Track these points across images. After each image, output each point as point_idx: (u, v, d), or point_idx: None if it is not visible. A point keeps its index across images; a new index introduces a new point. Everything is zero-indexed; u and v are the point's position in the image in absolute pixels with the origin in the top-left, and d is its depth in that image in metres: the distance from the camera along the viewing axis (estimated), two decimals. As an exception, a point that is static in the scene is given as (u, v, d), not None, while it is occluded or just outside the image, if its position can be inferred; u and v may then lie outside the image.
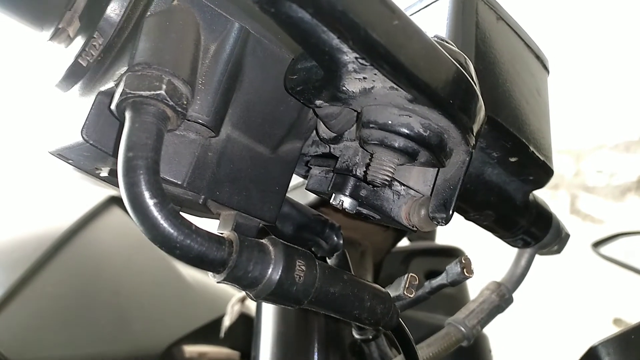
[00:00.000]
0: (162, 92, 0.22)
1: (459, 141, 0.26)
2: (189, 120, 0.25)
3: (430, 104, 0.23)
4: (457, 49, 0.26)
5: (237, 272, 0.23)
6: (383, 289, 0.30)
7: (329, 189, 0.29)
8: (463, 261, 0.34)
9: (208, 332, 0.76)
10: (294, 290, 0.25)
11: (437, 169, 0.29)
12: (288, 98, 0.28)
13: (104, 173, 0.27)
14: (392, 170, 0.26)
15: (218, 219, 0.29)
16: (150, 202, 0.20)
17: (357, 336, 0.40)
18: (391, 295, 0.30)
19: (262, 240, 0.25)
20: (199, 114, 0.25)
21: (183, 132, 0.26)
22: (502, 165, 0.34)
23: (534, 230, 0.39)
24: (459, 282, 0.35)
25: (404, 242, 0.74)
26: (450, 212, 0.28)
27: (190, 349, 0.76)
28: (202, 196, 0.26)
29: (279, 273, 0.24)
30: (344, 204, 0.28)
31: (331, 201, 0.29)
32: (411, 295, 0.32)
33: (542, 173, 0.36)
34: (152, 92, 0.21)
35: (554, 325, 1.65)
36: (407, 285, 0.32)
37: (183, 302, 0.82)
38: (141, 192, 0.20)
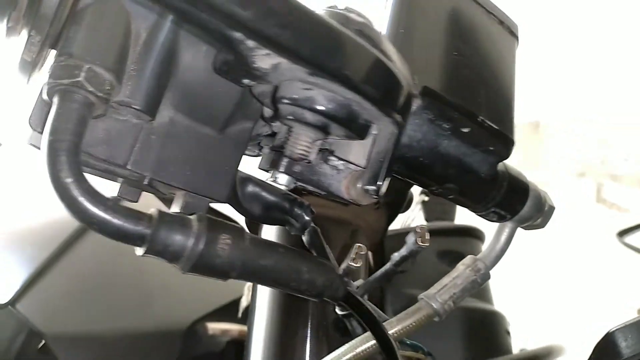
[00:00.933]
0: (81, 79, 0.23)
1: (376, 113, 0.27)
2: (121, 105, 0.27)
3: (327, 77, 0.24)
4: (361, 19, 0.27)
5: (156, 246, 0.25)
6: (328, 262, 0.31)
7: (268, 167, 0.30)
8: (418, 230, 0.34)
9: (227, 312, 0.79)
10: (218, 263, 0.26)
11: (372, 142, 0.30)
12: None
13: None
14: (307, 145, 0.27)
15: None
16: (68, 180, 0.22)
17: (338, 312, 0.40)
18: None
19: (188, 216, 0.26)
20: (131, 98, 0.26)
21: (125, 116, 0.27)
22: (457, 136, 0.34)
23: (508, 203, 0.38)
24: (416, 253, 0.35)
25: (422, 223, 0.74)
26: (380, 183, 0.29)
27: (212, 326, 0.78)
28: (147, 176, 0.28)
29: (200, 246, 0.25)
30: (278, 180, 0.29)
31: (268, 178, 0.30)
32: (358, 265, 0.33)
33: (500, 143, 0.35)
34: (72, 80, 0.23)
35: (577, 313, 1.64)
36: (353, 257, 0.33)
37: (204, 283, 0.85)
38: (60, 172, 0.22)
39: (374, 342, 0.36)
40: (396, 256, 0.38)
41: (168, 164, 0.28)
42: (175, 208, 0.30)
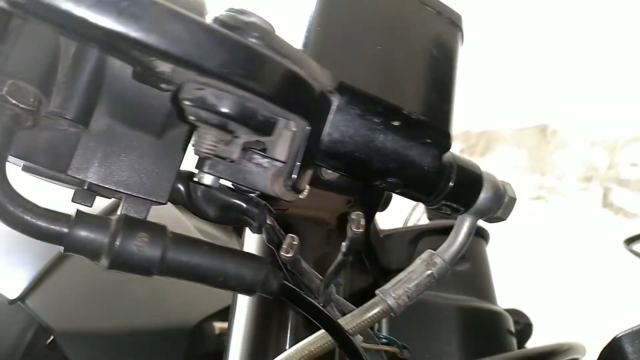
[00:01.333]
0: (4, 93, 0.25)
1: (278, 110, 0.28)
2: (53, 116, 0.29)
3: (211, 76, 0.25)
4: (251, 19, 0.28)
5: (74, 244, 0.27)
6: (260, 257, 0.32)
7: (196, 167, 0.31)
8: (353, 217, 0.34)
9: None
10: (136, 260, 0.28)
11: (292, 138, 0.30)
12: None
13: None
14: (211, 144, 0.28)
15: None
16: None
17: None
18: None
19: (108, 217, 0.28)
20: (61, 109, 0.28)
21: (64, 126, 0.30)
22: (390, 130, 0.34)
23: (459, 196, 0.38)
24: (354, 240, 0.35)
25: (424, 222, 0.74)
26: (294, 177, 0.30)
27: (219, 325, 0.79)
28: (87, 182, 0.30)
29: (117, 245, 0.27)
30: (203, 179, 0.30)
31: (194, 179, 0.31)
32: (288, 255, 0.33)
33: (436, 135, 0.35)
34: None
35: (582, 319, 1.64)
36: (285, 247, 0.34)
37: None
38: None
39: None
40: (343, 246, 0.38)
41: (107, 169, 0.30)
42: (118, 211, 0.31)
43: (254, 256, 0.32)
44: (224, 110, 0.26)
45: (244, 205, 0.36)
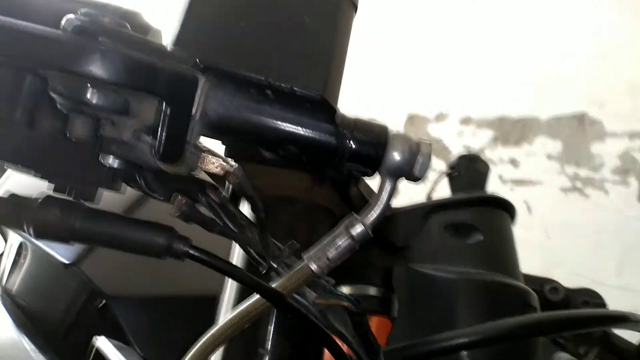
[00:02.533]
0: None
1: (126, 92, 0.33)
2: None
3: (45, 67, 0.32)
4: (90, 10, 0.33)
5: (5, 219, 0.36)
6: (163, 225, 0.37)
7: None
8: (230, 171, 0.37)
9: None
10: (52, 231, 0.35)
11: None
12: None
13: None
14: (81, 128, 0.34)
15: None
16: None
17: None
18: None
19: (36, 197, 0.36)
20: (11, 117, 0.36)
21: (23, 128, 0.36)
22: (269, 100, 0.37)
23: (362, 157, 0.39)
24: (236, 188, 0.39)
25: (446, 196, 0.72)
26: (158, 150, 0.34)
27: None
28: (36, 174, 0.37)
29: (34, 219, 0.35)
30: (107, 161, 0.36)
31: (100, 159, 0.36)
32: (176, 214, 0.37)
33: (310, 100, 0.37)
34: None
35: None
36: (172, 206, 0.38)
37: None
38: None
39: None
40: None
41: (52, 163, 0.37)
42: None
43: (158, 224, 0.37)
44: (67, 95, 0.32)
45: (184, 184, 0.40)
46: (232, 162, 0.41)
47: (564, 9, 2.33)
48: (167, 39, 0.38)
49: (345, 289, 0.67)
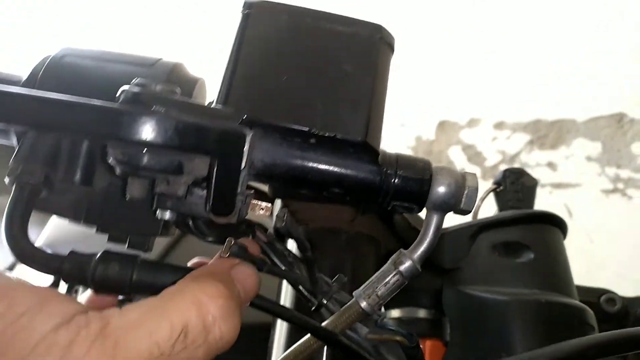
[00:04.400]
0: (18, 173, 0.36)
1: (178, 153, 0.35)
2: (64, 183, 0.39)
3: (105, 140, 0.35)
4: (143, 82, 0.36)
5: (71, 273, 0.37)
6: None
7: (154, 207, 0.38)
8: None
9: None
10: (112, 285, 0.37)
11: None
12: None
13: None
14: (138, 188, 0.36)
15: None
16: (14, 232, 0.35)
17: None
18: None
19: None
20: (67, 177, 0.39)
21: (77, 188, 0.40)
22: (312, 148, 0.39)
23: (406, 194, 0.40)
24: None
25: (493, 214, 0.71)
26: (208, 205, 0.36)
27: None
28: (95, 228, 0.40)
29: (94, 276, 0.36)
30: (164, 216, 0.37)
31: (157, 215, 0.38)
32: (227, 256, 0.39)
33: (351, 146, 0.39)
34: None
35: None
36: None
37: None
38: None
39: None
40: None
41: (111, 216, 0.40)
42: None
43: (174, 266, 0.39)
44: (125, 161, 0.34)
45: (235, 226, 0.41)
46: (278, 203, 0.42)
47: (599, 7, 2.28)
48: (215, 96, 0.40)
49: (395, 312, 0.67)
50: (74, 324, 0.27)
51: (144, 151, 0.33)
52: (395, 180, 0.39)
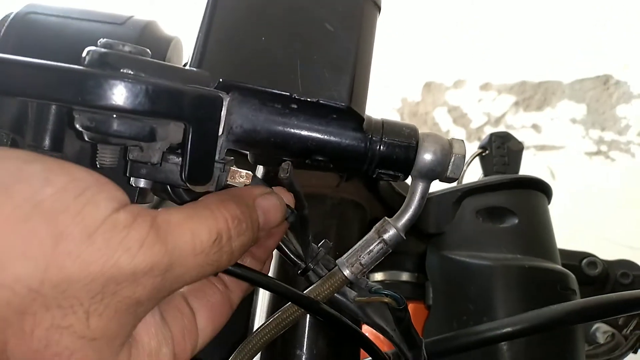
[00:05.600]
0: None
1: (149, 119, 0.32)
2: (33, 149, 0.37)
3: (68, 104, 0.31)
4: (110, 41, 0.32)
5: None
6: None
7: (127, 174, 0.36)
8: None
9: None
10: None
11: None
12: None
13: None
14: (107, 155, 0.34)
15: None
16: None
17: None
18: None
19: None
20: (35, 143, 0.36)
21: (47, 153, 0.37)
22: (295, 113, 0.36)
23: (392, 162, 0.38)
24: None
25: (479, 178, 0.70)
26: (184, 171, 0.34)
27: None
28: None
29: None
30: (139, 184, 0.35)
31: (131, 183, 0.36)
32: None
33: (338, 111, 0.36)
34: None
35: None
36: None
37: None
38: None
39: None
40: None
41: None
42: None
43: None
44: (94, 129, 0.31)
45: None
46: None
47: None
48: (188, 56, 0.37)
49: (378, 275, 0.67)
50: (130, 209, 0.29)
51: (113, 117, 0.31)
52: (381, 147, 0.38)
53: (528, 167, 0.69)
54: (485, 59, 2.31)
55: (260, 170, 0.50)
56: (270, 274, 0.54)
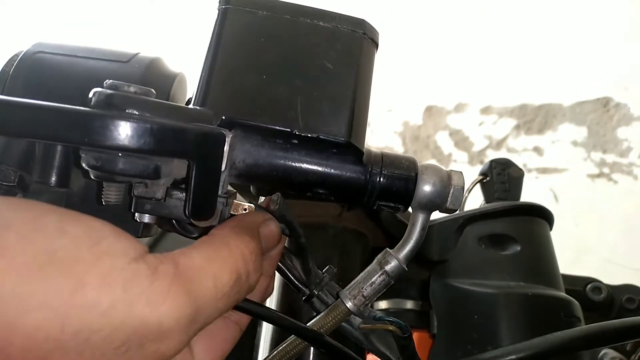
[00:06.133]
0: None
1: (154, 157, 0.33)
2: (38, 184, 0.38)
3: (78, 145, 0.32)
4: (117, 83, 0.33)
5: None
6: None
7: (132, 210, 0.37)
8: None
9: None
10: None
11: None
12: None
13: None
14: (111, 193, 0.35)
15: None
16: None
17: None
18: None
19: None
20: (41, 179, 0.38)
21: (54, 190, 0.38)
22: (296, 148, 0.37)
23: (392, 194, 0.39)
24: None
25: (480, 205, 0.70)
26: (188, 207, 0.34)
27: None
28: None
29: None
30: (143, 219, 0.36)
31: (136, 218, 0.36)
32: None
33: (338, 146, 0.37)
34: None
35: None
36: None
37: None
38: None
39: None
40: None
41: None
42: None
43: None
44: (100, 168, 0.32)
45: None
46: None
47: (583, -10, 2.28)
48: (193, 91, 0.38)
49: (383, 304, 0.67)
50: (149, 259, 0.28)
51: (118, 156, 0.31)
52: (381, 180, 0.38)
53: (530, 190, 0.69)
54: (485, 82, 2.33)
55: (262, 200, 0.51)
56: (273, 304, 0.54)
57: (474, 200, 0.71)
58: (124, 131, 0.30)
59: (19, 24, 2.59)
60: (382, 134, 2.40)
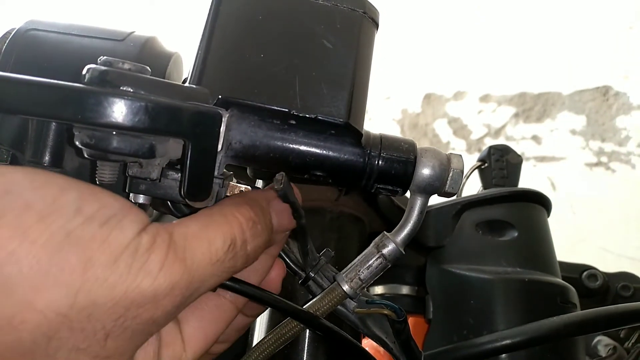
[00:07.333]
0: None
1: (149, 136, 0.32)
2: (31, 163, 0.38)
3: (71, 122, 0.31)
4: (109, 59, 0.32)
5: None
6: None
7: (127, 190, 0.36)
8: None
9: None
10: None
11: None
12: None
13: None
14: (106, 172, 0.34)
15: None
16: None
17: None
18: None
19: None
20: (35, 159, 0.37)
21: (48, 169, 0.37)
22: (294, 129, 0.36)
23: (390, 177, 0.38)
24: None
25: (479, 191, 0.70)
26: (183, 188, 0.34)
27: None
28: None
29: None
30: (138, 199, 0.35)
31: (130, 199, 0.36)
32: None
33: (333, 127, 0.36)
34: None
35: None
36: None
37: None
38: None
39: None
40: None
41: None
42: None
43: None
44: (94, 145, 0.31)
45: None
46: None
47: (584, -22, 2.26)
48: (188, 71, 0.37)
49: (379, 289, 0.67)
50: (150, 230, 0.30)
51: (112, 134, 0.31)
52: (379, 162, 0.38)
53: (528, 178, 0.69)
54: (484, 70, 2.32)
55: (259, 184, 0.50)
56: None
57: (472, 187, 0.71)
58: (118, 109, 0.29)
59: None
60: (380, 122, 2.39)
